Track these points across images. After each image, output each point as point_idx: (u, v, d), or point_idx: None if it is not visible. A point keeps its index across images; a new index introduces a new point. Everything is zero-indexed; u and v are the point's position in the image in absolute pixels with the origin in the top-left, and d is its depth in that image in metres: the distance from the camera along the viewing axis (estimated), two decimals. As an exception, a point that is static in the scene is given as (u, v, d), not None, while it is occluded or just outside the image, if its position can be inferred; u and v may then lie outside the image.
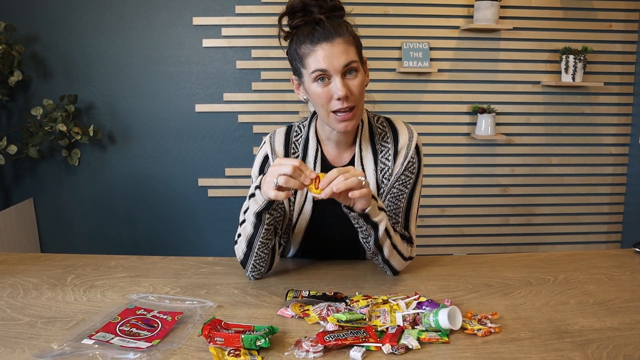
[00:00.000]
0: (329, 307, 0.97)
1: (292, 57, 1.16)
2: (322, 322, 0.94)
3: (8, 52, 2.56)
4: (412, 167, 1.23)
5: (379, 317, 0.94)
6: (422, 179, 1.27)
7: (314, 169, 1.23)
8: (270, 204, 1.06)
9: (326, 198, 0.98)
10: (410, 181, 1.23)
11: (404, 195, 1.22)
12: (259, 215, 1.08)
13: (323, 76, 1.09)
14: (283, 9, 1.14)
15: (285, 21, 1.15)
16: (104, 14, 2.77)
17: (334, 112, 1.12)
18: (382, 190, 1.24)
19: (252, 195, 1.09)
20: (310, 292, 1.04)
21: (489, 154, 2.98)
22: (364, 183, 1.00)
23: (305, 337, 0.88)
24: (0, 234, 2.61)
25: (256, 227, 1.10)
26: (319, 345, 0.84)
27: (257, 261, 1.15)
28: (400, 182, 1.22)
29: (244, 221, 1.13)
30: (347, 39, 1.10)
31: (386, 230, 1.11)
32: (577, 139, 2.98)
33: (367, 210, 1.05)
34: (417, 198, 1.25)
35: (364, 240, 1.14)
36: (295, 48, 1.12)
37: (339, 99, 1.09)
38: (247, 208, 1.11)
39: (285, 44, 1.18)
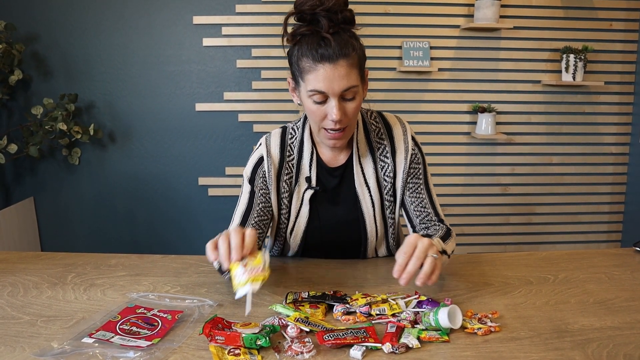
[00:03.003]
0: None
1: (292, 62, 1.11)
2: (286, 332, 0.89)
3: (8, 51, 2.56)
4: (416, 159, 1.25)
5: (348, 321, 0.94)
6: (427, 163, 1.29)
7: (310, 171, 1.23)
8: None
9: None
10: (421, 171, 1.26)
11: (422, 186, 1.26)
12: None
13: (319, 96, 1.06)
14: (291, 8, 1.07)
15: (291, 21, 1.09)
16: (104, 14, 2.77)
17: (325, 129, 1.11)
18: (385, 189, 1.24)
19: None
20: (310, 293, 1.04)
21: (490, 153, 2.98)
22: (430, 262, 0.93)
23: (293, 340, 0.87)
24: (1, 232, 2.62)
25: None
26: (308, 343, 0.84)
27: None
28: (412, 175, 1.24)
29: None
30: (352, 60, 1.04)
31: (446, 252, 1.12)
32: (577, 138, 2.98)
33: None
34: (431, 183, 1.29)
35: None
36: (297, 57, 1.06)
37: (332, 120, 1.08)
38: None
39: (287, 42, 1.12)
